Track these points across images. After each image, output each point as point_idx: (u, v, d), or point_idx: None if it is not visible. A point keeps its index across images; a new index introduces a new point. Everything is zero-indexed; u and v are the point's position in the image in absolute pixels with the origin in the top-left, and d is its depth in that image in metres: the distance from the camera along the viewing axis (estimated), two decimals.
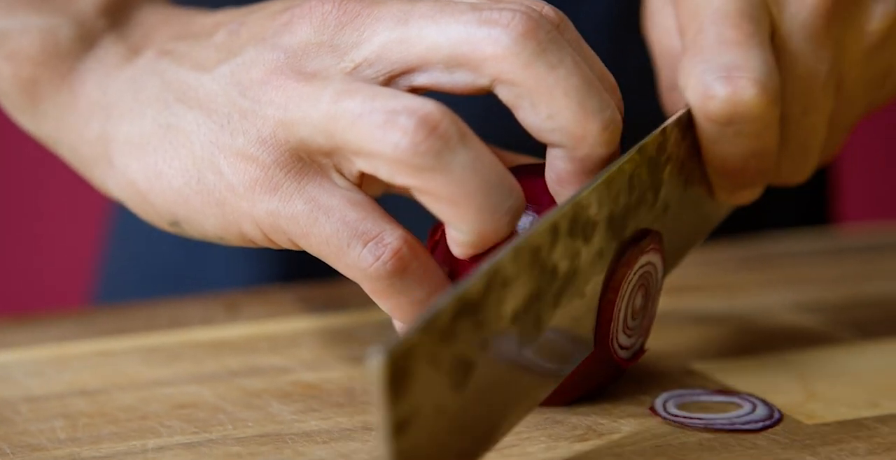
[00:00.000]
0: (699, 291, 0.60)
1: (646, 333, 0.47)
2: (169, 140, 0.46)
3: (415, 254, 0.44)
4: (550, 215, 0.40)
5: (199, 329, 0.56)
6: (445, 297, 0.37)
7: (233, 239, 0.46)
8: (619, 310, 0.45)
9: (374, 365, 0.35)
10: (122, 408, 0.47)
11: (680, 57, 0.49)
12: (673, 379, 0.49)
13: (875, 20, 0.49)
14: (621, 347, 0.46)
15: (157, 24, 0.50)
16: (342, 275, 0.45)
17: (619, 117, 0.43)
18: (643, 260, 0.45)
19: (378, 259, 0.43)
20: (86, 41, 0.49)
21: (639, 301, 0.46)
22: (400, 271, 0.43)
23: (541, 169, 0.45)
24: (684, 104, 0.47)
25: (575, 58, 0.43)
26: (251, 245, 0.46)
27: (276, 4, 0.47)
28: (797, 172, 0.51)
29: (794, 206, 0.78)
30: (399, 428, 0.35)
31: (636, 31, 0.65)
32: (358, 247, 0.43)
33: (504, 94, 0.43)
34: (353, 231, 0.43)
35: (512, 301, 0.39)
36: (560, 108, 0.42)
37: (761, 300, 0.60)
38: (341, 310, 0.58)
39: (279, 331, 0.55)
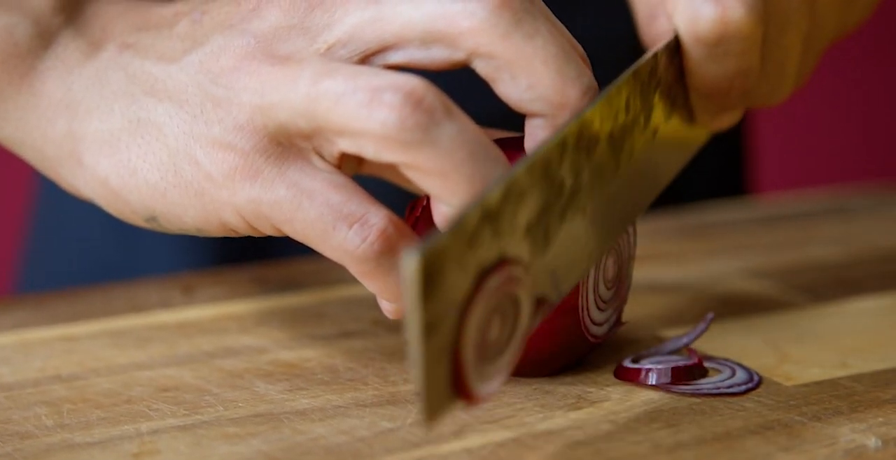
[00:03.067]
0: (649, 261, 0.61)
1: (622, 304, 0.48)
2: (140, 134, 0.46)
3: (400, 233, 0.44)
4: (560, 131, 0.41)
5: (160, 311, 0.55)
6: (469, 205, 0.38)
7: (213, 229, 0.46)
8: (589, 279, 0.45)
9: (410, 267, 0.35)
10: (104, 393, 0.46)
11: None
12: (646, 347, 0.50)
13: None
14: (594, 323, 0.46)
15: (115, 16, 0.49)
16: (290, 255, 0.44)
17: (595, 84, 0.44)
18: None
19: (364, 240, 0.43)
20: (44, 39, 0.48)
21: (611, 269, 0.46)
22: (387, 251, 0.43)
23: (518, 142, 0.46)
24: (670, 30, 0.48)
25: (549, 27, 0.43)
26: (232, 234, 0.46)
27: None
28: (774, 94, 0.52)
29: (712, 178, 0.80)
30: (430, 329, 0.36)
31: (585, 4, 0.66)
32: (343, 229, 0.43)
33: (482, 68, 0.43)
34: (337, 213, 0.43)
35: (525, 213, 0.40)
36: (540, 77, 0.43)
37: (709, 268, 0.61)
38: (298, 289, 0.58)
39: (244, 312, 0.55)
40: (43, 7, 0.48)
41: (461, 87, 0.50)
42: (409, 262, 0.35)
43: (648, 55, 0.45)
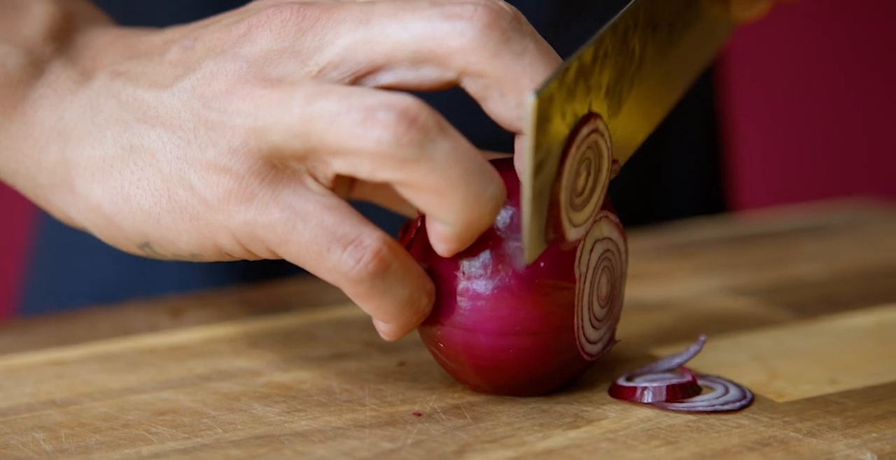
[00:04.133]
0: (634, 279, 0.61)
1: (615, 322, 0.48)
2: (133, 160, 0.46)
3: (394, 253, 0.44)
4: (633, 2, 0.46)
5: (148, 335, 0.55)
6: (568, 61, 0.42)
7: (208, 254, 0.46)
8: (584, 297, 0.46)
9: (529, 107, 0.40)
10: (101, 417, 0.46)
11: None
12: (639, 365, 0.50)
13: None
14: (589, 341, 0.47)
15: (105, 45, 0.49)
16: (276, 278, 0.45)
17: None
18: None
19: (359, 261, 0.43)
20: (35, 68, 0.48)
21: (604, 287, 0.47)
22: (381, 272, 0.44)
23: (507, 163, 0.46)
24: None
25: (537, 45, 0.44)
26: (227, 258, 0.46)
27: (228, 18, 0.47)
28: None
29: (694, 196, 0.81)
30: (537, 168, 0.41)
31: (572, 21, 0.66)
32: (338, 250, 0.44)
33: (471, 86, 0.44)
34: (331, 235, 0.44)
35: (608, 73, 0.44)
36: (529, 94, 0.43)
37: (693, 286, 0.62)
38: (286, 311, 0.58)
39: (234, 334, 0.55)
40: (34, 36, 0.48)
41: (450, 106, 0.51)
42: (529, 103, 0.40)
43: None
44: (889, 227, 0.74)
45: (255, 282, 0.64)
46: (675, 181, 0.55)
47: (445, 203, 0.42)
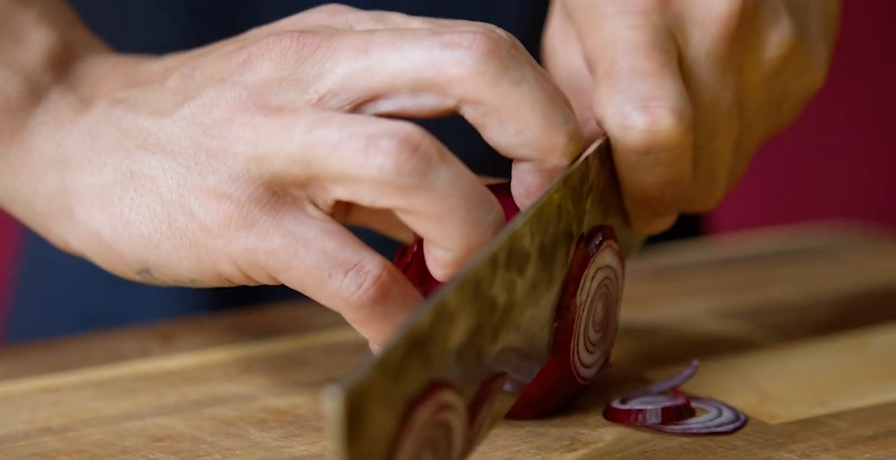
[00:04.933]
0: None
1: (609, 346, 0.49)
2: (133, 187, 0.46)
3: (395, 279, 0.44)
4: (489, 247, 0.41)
5: (140, 361, 0.55)
6: (396, 334, 0.36)
7: (208, 280, 0.46)
8: (581, 324, 0.46)
9: (332, 408, 0.34)
10: (97, 444, 0.46)
11: (590, 92, 0.50)
12: (632, 388, 0.51)
13: (772, 47, 0.51)
14: (584, 365, 0.47)
15: (105, 73, 0.49)
16: (264, 303, 0.44)
17: (580, 129, 0.45)
18: (599, 261, 0.46)
19: (360, 287, 0.44)
20: (34, 95, 0.49)
21: (600, 312, 0.47)
22: (382, 297, 0.44)
23: (505, 187, 0.47)
24: (601, 134, 0.48)
25: (535, 74, 0.44)
26: (227, 284, 0.46)
27: (227, 46, 0.48)
28: (707, 199, 0.52)
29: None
30: None
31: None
32: (339, 276, 0.44)
33: (470, 114, 0.44)
34: (332, 261, 0.44)
35: (456, 336, 0.39)
36: (527, 122, 0.44)
37: (679, 309, 0.62)
38: (277, 336, 0.58)
39: (226, 360, 0.55)
40: (33, 64, 0.49)
41: (448, 132, 0.51)
42: (332, 403, 0.33)
43: (580, 160, 0.45)
44: (865, 251, 0.75)
45: (242, 306, 0.64)
46: None
47: (446, 230, 0.43)
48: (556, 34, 0.52)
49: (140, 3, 0.69)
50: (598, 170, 0.47)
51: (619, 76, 0.47)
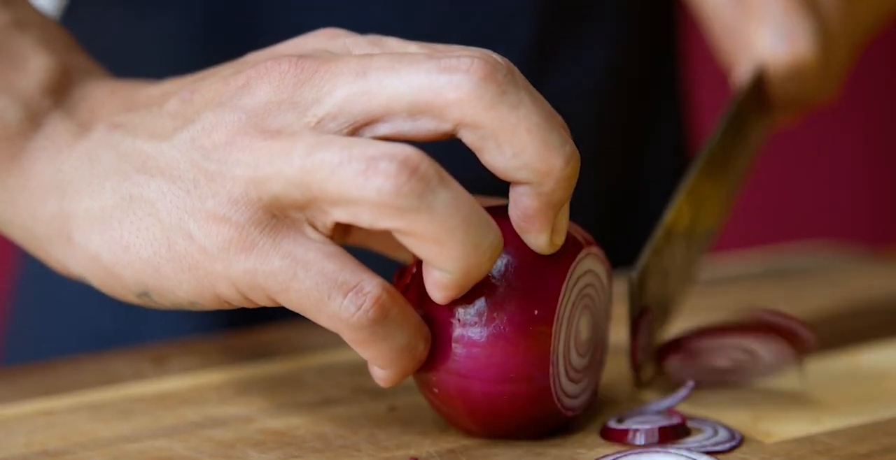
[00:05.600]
0: (612, 322, 0.62)
1: (597, 373, 0.49)
2: (133, 211, 0.46)
3: (394, 300, 0.45)
4: (703, 153, 0.56)
5: (134, 383, 0.55)
6: (659, 229, 0.52)
7: (207, 302, 0.46)
8: (558, 343, 0.46)
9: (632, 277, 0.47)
10: None
11: (739, 27, 0.62)
12: (627, 408, 0.51)
13: None
14: (567, 395, 0.47)
15: (103, 97, 0.50)
16: (259, 323, 0.45)
17: (577, 151, 0.45)
18: (580, 268, 0.47)
19: (360, 308, 0.44)
20: (33, 121, 0.49)
21: (584, 329, 0.47)
22: (381, 318, 0.44)
23: (503, 210, 0.47)
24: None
25: (532, 97, 0.45)
26: (226, 306, 0.46)
27: (225, 70, 0.48)
28: (829, 94, 0.65)
29: None
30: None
31: (553, 63, 0.68)
32: (339, 297, 0.44)
33: (468, 138, 0.45)
34: (332, 282, 0.44)
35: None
36: (524, 145, 0.44)
37: (670, 328, 0.63)
38: (271, 357, 0.58)
39: (221, 381, 0.55)
40: (32, 90, 0.49)
41: (446, 156, 0.52)
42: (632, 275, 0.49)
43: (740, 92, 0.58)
44: (852, 270, 0.76)
45: (237, 327, 0.64)
46: (651, 216, 0.58)
47: (445, 252, 0.43)
48: None
49: (151, 39, 0.70)
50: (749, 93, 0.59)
51: (768, 11, 0.61)
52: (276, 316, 0.57)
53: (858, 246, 0.84)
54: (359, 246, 0.52)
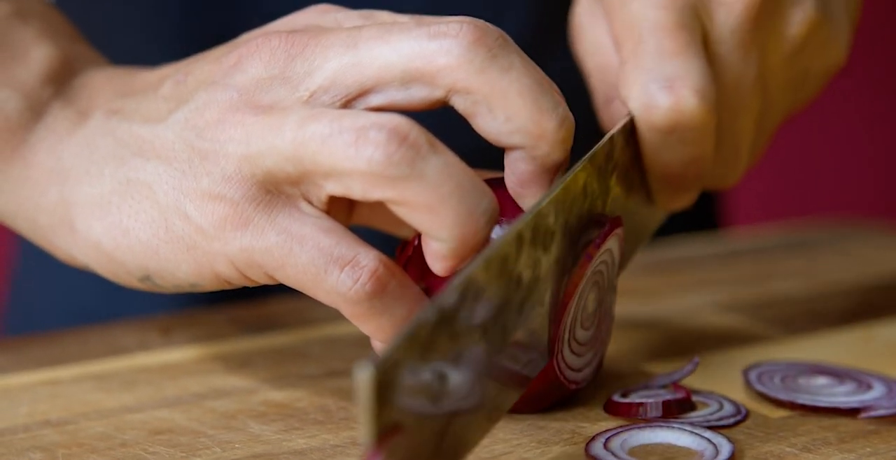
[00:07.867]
0: (622, 296, 0.61)
1: (602, 347, 0.48)
2: (130, 195, 0.46)
3: (391, 273, 0.44)
4: (515, 225, 0.41)
5: (140, 354, 0.55)
6: (426, 311, 0.37)
7: (207, 282, 0.46)
8: (567, 319, 0.45)
9: (363, 379, 0.35)
10: (97, 437, 0.46)
11: (616, 70, 0.50)
12: (633, 381, 0.50)
13: (795, 25, 0.51)
14: (570, 368, 0.46)
15: (101, 84, 0.50)
16: (264, 296, 0.44)
17: (571, 115, 0.45)
18: (604, 247, 0.46)
19: (357, 281, 0.44)
20: (34, 112, 0.49)
21: (591, 303, 0.46)
22: (379, 292, 0.44)
23: (499, 181, 0.46)
24: (626, 113, 0.48)
25: (523, 61, 0.44)
26: (227, 286, 0.46)
27: (218, 50, 0.48)
28: (729, 176, 0.53)
29: (686, 213, 0.81)
30: (383, 437, 0.36)
31: (554, 42, 0.66)
32: (335, 272, 0.44)
33: (460, 104, 0.44)
34: (328, 257, 0.44)
35: (482, 311, 0.40)
36: (517, 108, 0.44)
37: (681, 302, 0.62)
38: (276, 329, 0.58)
39: (226, 352, 0.55)
40: (32, 81, 0.49)
41: (439, 126, 0.51)
42: (362, 375, 0.35)
43: (605, 139, 0.46)
44: (869, 244, 0.75)
45: (242, 299, 0.64)
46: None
47: (439, 220, 0.42)
48: (584, 12, 0.53)
49: (129, 33, 0.70)
50: (623, 148, 0.47)
51: (644, 55, 0.48)
52: (282, 288, 0.57)
53: (874, 220, 0.83)
54: (363, 225, 0.51)
